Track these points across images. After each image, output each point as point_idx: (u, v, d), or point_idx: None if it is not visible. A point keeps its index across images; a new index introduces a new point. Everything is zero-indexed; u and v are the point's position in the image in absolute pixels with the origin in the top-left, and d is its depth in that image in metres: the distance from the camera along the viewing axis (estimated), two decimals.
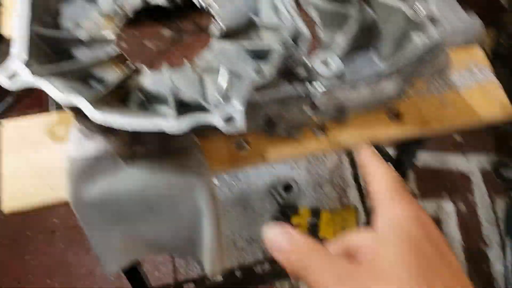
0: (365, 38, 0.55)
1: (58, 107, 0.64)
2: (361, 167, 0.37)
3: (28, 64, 0.48)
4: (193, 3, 0.63)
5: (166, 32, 0.63)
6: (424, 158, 1.77)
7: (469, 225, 1.69)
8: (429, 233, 0.31)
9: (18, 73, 0.47)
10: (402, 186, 0.34)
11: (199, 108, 0.52)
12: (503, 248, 1.64)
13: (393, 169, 0.36)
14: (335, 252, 0.36)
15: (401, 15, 0.50)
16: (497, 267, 1.63)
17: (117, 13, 0.60)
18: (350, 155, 1.67)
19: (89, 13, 0.59)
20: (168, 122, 0.48)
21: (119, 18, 0.60)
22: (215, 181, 1.48)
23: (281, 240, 0.33)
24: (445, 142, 1.81)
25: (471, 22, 0.49)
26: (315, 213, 1.53)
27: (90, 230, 0.57)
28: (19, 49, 0.49)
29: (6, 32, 0.63)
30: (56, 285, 1.35)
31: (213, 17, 0.61)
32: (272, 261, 1.21)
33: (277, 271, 1.23)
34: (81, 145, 0.53)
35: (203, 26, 0.64)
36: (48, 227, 1.44)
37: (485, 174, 1.78)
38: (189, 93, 0.53)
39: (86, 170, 0.53)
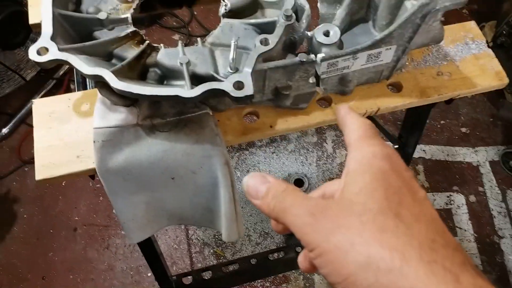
0: (362, 8, 0.60)
1: (82, 87, 0.69)
2: (339, 122, 0.38)
3: (55, 42, 0.53)
4: None
5: (177, 37, 0.67)
6: (433, 151, 1.80)
7: (480, 216, 1.69)
8: (395, 166, 0.32)
9: (47, 48, 0.53)
10: (372, 130, 0.35)
11: (211, 80, 0.57)
12: None
13: (367, 119, 0.37)
14: None
15: None
16: (511, 258, 1.63)
17: None
18: None
19: None
20: (183, 89, 0.53)
21: (135, 1, 0.65)
22: None
23: (258, 185, 0.34)
24: (452, 135, 1.83)
25: None
26: None
27: (115, 198, 0.61)
28: (46, 28, 0.54)
29: (33, 21, 0.69)
30: (78, 280, 1.40)
31: None
32: (287, 251, 1.24)
33: (292, 260, 1.25)
34: (105, 116, 0.58)
35: (210, 29, 0.68)
36: (70, 225, 1.50)
37: (494, 166, 1.79)
38: (202, 66, 0.57)
39: (110, 140, 0.58)
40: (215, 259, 1.47)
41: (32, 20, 0.70)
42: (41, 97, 1.71)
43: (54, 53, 0.53)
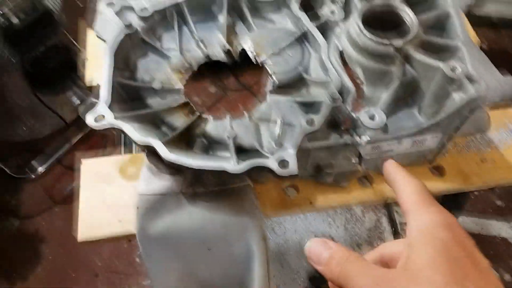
0: (407, 94, 0.61)
1: (128, 148, 0.71)
2: (387, 178, 0.40)
3: (111, 108, 0.56)
4: (250, 59, 0.70)
5: (212, 89, 0.70)
6: (465, 223, 1.73)
7: None
8: (457, 236, 0.33)
9: (103, 115, 0.55)
10: (427, 194, 0.36)
11: (255, 153, 0.58)
12: None
13: (417, 178, 0.38)
14: (370, 261, 0.39)
15: (440, 73, 0.56)
16: None
17: (185, 67, 0.68)
18: (389, 216, 1.66)
19: (161, 67, 0.68)
20: (230, 163, 0.54)
21: (186, 71, 0.68)
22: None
23: (320, 250, 0.36)
24: (486, 207, 1.77)
25: (506, 81, 0.53)
26: None
27: (151, 264, 0.61)
28: (105, 96, 0.57)
29: (88, 81, 0.73)
30: None
31: (268, 72, 0.68)
32: None
33: None
34: (150, 183, 0.60)
35: (246, 85, 0.71)
36: (92, 269, 1.50)
37: None
38: (247, 139, 0.59)
39: (153, 206, 0.59)
40: None
41: (87, 81, 0.75)
42: (79, 139, 1.77)
43: (110, 120, 0.55)
